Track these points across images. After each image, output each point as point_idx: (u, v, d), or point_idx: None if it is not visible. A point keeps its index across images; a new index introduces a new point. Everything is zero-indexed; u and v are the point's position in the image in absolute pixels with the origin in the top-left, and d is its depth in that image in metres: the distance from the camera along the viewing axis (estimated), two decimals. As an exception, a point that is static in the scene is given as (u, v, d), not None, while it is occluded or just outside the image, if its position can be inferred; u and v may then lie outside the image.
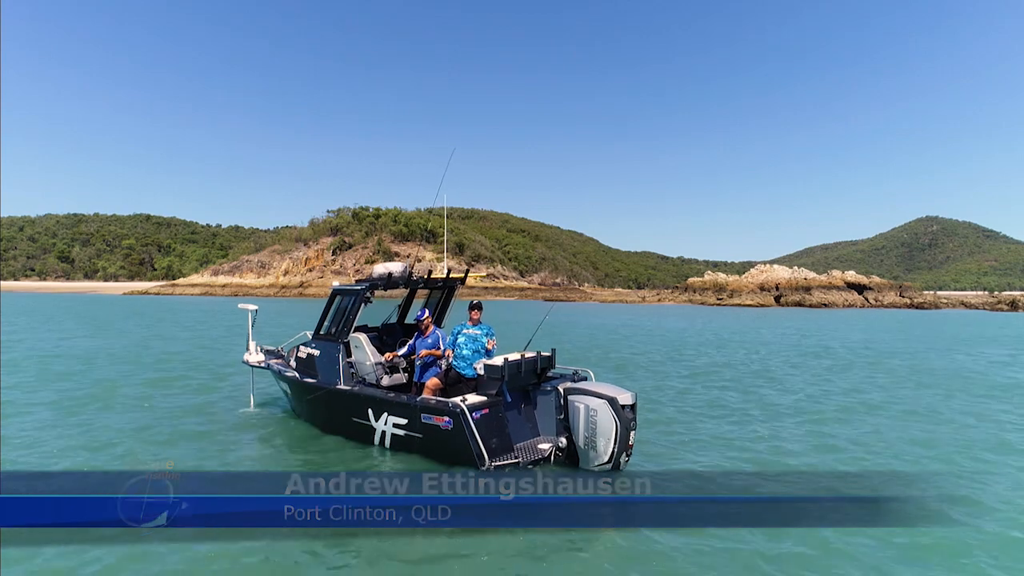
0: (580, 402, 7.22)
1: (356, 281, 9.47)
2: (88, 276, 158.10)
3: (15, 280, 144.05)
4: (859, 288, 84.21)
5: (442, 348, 8.37)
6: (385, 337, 9.83)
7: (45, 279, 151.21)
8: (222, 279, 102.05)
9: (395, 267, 8.87)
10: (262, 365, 10.52)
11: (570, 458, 7.40)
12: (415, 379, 8.68)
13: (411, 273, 8.95)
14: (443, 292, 9.95)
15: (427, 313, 8.69)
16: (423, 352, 8.45)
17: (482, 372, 7.65)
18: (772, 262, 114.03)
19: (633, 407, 7.11)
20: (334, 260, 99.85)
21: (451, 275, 9.49)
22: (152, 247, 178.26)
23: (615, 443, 6.94)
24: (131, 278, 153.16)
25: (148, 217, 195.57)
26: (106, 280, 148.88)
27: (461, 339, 8.10)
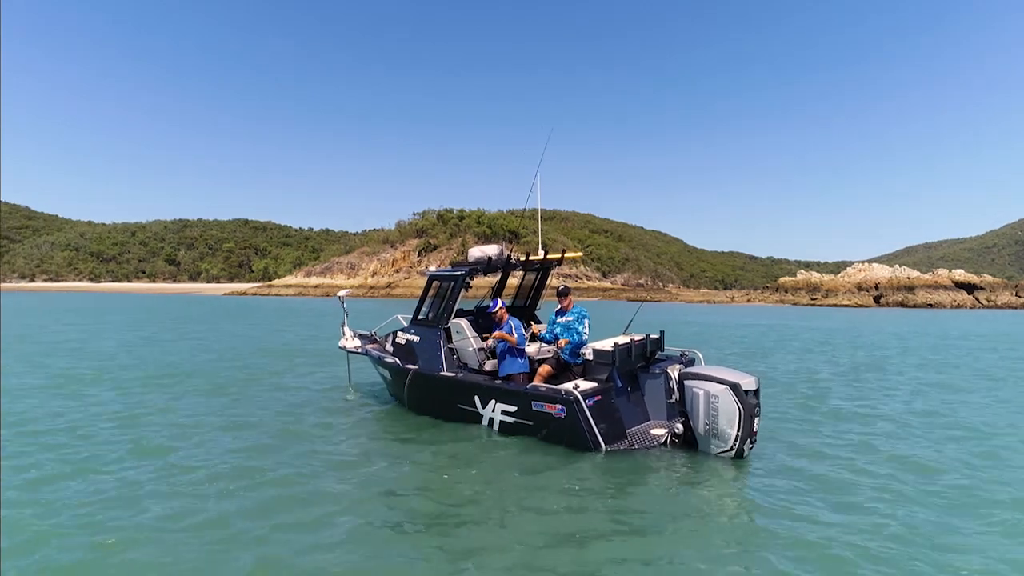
0: (699, 388, 6.95)
1: (452, 265, 9.41)
2: (192, 278, 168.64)
3: (128, 282, 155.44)
4: (969, 287, 77.41)
5: (515, 337, 8.21)
6: (480, 320, 9.73)
7: (155, 280, 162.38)
8: (314, 280, 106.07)
9: (492, 250, 8.81)
10: (359, 351, 10.62)
11: (687, 443, 7.21)
12: (499, 372, 8.39)
13: (509, 256, 8.89)
14: (538, 274, 10.00)
15: (499, 304, 8.57)
16: (496, 334, 8.33)
17: (590, 357, 7.58)
18: (869, 261, 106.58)
19: (756, 392, 6.84)
20: (420, 261, 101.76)
21: (547, 256, 9.33)
22: (250, 250, 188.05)
23: (738, 430, 6.71)
24: (231, 279, 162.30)
25: (246, 222, 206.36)
26: (209, 282, 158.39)
27: (557, 329, 8.17)
